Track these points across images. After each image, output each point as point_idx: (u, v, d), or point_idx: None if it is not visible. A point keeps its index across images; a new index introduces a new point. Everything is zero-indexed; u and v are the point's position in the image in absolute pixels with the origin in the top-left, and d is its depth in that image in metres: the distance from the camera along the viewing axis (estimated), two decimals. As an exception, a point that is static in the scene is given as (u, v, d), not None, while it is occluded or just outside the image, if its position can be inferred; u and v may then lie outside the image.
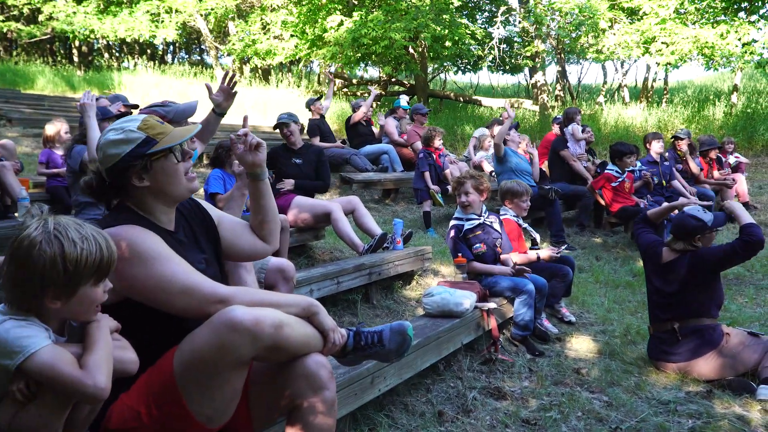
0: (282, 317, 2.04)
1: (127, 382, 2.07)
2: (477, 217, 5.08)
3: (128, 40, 21.11)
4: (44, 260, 1.74)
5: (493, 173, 8.67)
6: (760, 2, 14.93)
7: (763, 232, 4.11)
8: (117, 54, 28.50)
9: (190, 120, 4.03)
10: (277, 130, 6.33)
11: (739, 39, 13.93)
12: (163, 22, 20.04)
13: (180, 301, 2.07)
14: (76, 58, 26.55)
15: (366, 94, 20.32)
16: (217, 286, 2.13)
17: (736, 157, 10.72)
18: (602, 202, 8.32)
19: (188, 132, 2.28)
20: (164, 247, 2.12)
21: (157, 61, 25.56)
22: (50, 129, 6.60)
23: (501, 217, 5.42)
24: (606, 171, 8.25)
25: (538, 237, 5.70)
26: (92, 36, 20.57)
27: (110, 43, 26.01)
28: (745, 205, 10.04)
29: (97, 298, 1.88)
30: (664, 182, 8.73)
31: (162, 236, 2.17)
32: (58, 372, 1.71)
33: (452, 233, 5.01)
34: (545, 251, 5.39)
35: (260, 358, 2.07)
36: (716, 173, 9.95)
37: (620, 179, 8.08)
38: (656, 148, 8.77)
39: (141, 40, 21.23)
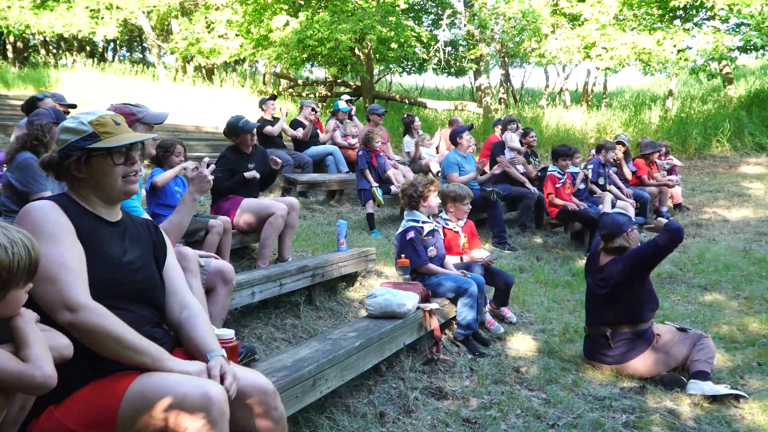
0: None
1: (59, 396, 1.99)
2: (430, 221, 5.14)
3: (66, 36, 20.51)
4: None
5: (439, 174, 8.76)
6: (694, 11, 15.48)
7: (693, 233, 4.27)
8: (54, 50, 27.63)
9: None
10: (221, 130, 6.13)
11: (675, 45, 14.41)
12: (103, 18, 19.53)
13: (40, 287, 1.99)
14: (10, 54, 25.61)
15: (311, 96, 20.26)
16: (82, 293, 2.03)
17: (669, 160, 11.10)
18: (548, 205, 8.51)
19: (135, 137, 2.31)
20: (65, 233, 2.11)
21: (96, 59, 24.85)
22: None
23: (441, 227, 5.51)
24: (549, 172, 8.42)
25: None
26: (28, 31, 19.90)
27: (47, 39, 25.20)
28: (678, 206, 10.44)
29: (23, 299, 1.88)
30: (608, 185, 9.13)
31: (95, 224, 2.23)
32: (2, 369, 1.72)
33: (411, 234, 5.01)
34: (480, 252, 5.52)
35: None
36: (657, 175, 10.26)
37: (562, 180, 8.26)
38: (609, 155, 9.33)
39: (80, 37, 20.64)
